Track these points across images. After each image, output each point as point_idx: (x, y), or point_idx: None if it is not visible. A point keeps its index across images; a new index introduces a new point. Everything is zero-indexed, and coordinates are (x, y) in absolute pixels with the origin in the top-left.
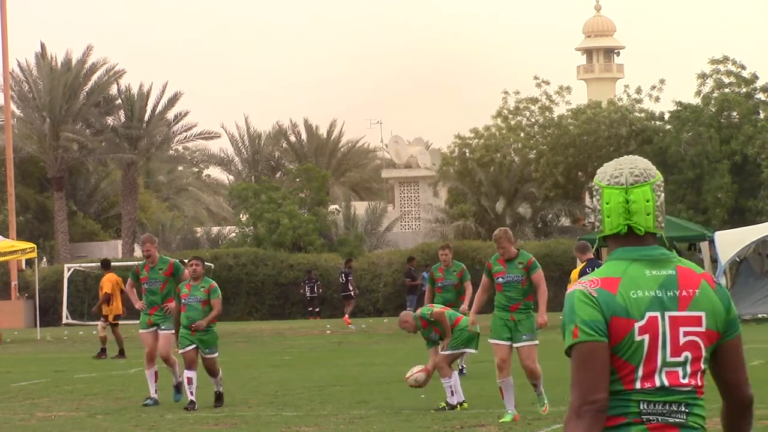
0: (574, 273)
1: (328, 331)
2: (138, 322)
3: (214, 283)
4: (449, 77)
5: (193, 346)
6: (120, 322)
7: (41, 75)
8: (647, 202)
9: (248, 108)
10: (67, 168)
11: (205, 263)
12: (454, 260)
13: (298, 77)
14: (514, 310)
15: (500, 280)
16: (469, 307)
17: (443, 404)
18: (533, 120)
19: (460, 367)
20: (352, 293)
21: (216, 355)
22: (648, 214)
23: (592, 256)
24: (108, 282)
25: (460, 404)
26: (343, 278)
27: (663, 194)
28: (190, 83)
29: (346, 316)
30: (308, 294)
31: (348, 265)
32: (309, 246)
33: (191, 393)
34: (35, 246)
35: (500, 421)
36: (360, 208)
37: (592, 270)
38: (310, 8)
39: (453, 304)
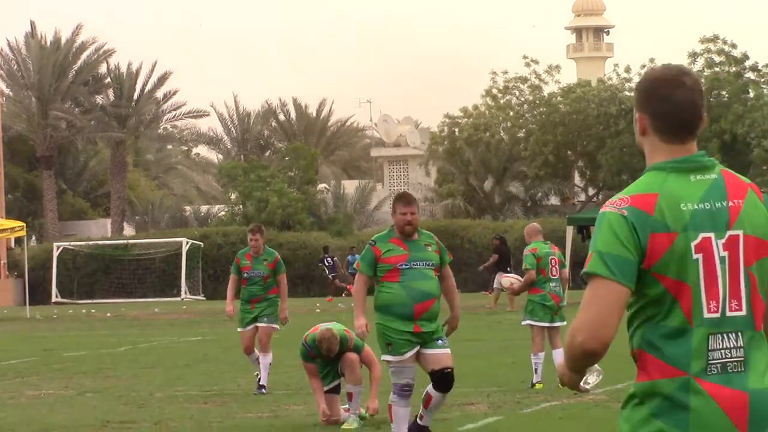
0: None
1: (318, 310)
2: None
3: None
4: (438, 56)
5: None
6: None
7: (30, 54)
8: None
9: (237, 87)
10: (56, 147)
11: (194, 242)
12: (266, 247)
13: (288, 56)
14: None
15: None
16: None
17: None
18: (522, 99)
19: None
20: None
21: None
22: None
23: None
24: None
25: None
26: (330, 261)
27: None
28: (180, 62)
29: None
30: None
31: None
32: (298, 225)
33: None
34: (24, 225)
35: (343, 428)
36: (349, 186)
37: None
38: None
39: (260, 298)
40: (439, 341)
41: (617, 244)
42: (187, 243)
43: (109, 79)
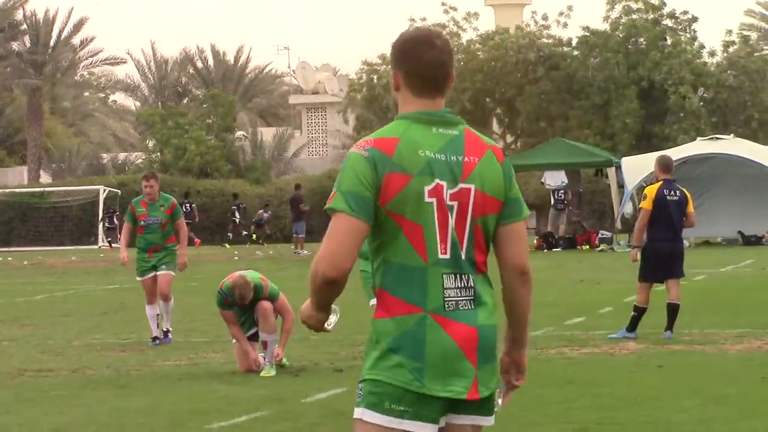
0: (650, 189)
1: (236, 258)
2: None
3: None
4: (357, 2)
5: None
6: None
7: None
8: None
9: (155, 34)
10: None
11: (111, 189)
12: (161, 193)
13: (206, 2)
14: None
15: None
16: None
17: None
18: None
19: (165, 329)
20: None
21: None
22: None
23: (670, 177)
24: None
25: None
26: (188, 208)
27: None
28: (96, 8)
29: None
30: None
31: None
32: (216, 172)
33: None
34: None
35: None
36: (267, 134)
37: (671, 192)
38: None
39: (159, 247)
40: None
41: (357, 183)
42: (105, 191)
43: (25, 26)
